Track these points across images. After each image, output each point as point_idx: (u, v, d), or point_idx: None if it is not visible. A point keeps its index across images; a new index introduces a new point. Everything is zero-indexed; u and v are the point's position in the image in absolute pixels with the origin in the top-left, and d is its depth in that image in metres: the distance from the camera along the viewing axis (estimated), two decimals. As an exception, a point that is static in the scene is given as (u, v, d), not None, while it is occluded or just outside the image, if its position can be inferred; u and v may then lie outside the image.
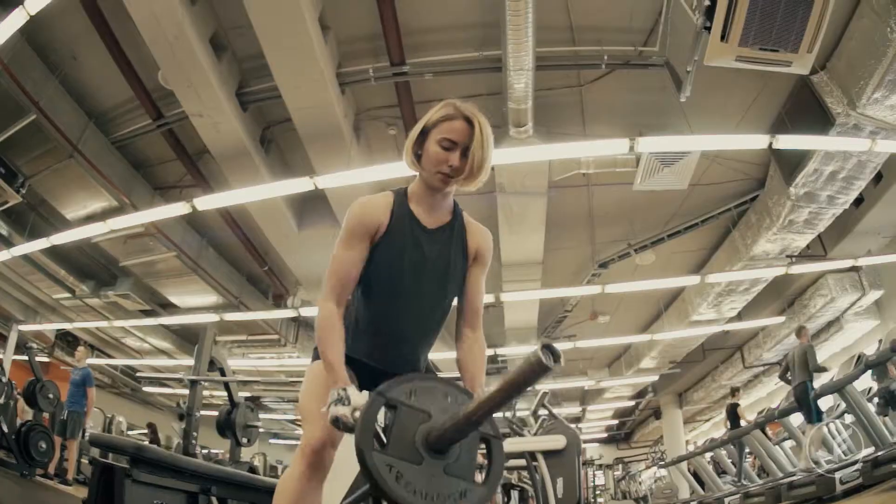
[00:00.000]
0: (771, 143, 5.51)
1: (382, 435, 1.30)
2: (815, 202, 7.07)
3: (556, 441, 6.70)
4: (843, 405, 6.65)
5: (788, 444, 8.93)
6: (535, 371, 1.10)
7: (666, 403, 18.53)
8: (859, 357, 6.34)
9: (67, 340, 14.27)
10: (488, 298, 8.85)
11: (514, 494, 15.66)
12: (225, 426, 4.95)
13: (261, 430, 16.61)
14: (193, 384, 4.44)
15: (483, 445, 1.45)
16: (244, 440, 5.03)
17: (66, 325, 12.72)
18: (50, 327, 13.13)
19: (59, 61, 6.30)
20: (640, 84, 6.38)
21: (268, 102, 6.42)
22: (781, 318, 11.49)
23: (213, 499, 2.76)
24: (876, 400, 7.72)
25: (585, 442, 24.09)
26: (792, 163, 6.78)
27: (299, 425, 16.48)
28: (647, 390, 17.33)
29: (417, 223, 1.83)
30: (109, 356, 14.76)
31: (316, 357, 1.85)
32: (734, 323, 11.25)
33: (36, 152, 6.98)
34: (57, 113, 6.38)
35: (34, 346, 9.67)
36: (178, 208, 6.54)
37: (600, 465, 21.17)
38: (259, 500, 3.12)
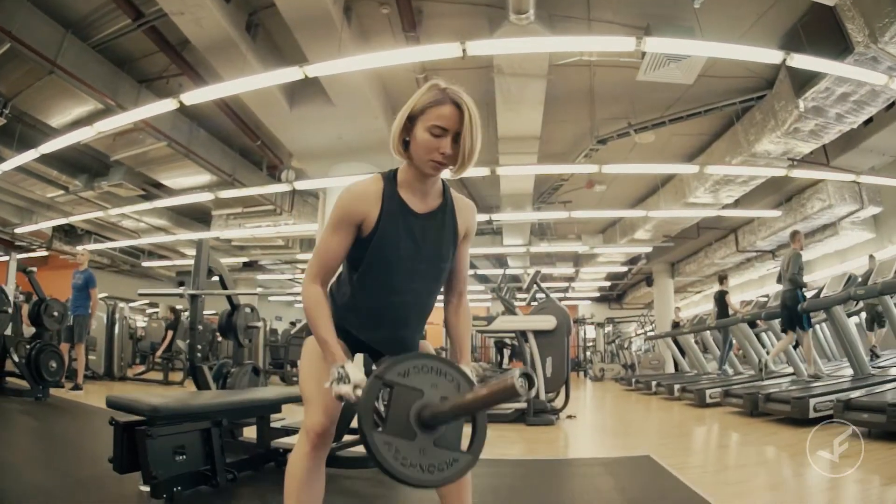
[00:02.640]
0: (784, 60, 5.19)
1: (381, 409, 1.43)
2: (823, 117, 6.81)
3: (547, 322, 6.95)
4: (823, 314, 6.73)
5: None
6: (509, 393, 1.22)
7: (658, 272, 18.96)
8: (849, 278, 6.33)
9: (64, 230, 14.47)
10: (484, 171, 8.77)
11: (506, 352, 16.53)
12: (227, 329, 5.13)
13: (259, 289, 17.31)
14: (193, 298, 4.53)
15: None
16: (246, 341, 5.25)
17: (64, 220, 12.76)
18: (47, 225, 13.22)
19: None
20: (651, -28, 5.93)
21: (252, -11, 6.00)
22: (777, 213, 11.48)
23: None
24: (863, 315, 7.84)
25: (578, 300, 24.96)
26: (804, 76, 6.43)
27: (298, 282, 17.01)
28: (639, 257, 17.53)
29: (409, 210, 1.81)
30: (108, 239, 14.96)
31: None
32: (730, 210, 11.18)
33: (15, 75, 6.76)
34: (32, 33, 6.11)
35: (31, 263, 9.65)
36: (165, 105, 6.30)
37: (592, 323, 22.03)
38: (264, 413, 3.43)
